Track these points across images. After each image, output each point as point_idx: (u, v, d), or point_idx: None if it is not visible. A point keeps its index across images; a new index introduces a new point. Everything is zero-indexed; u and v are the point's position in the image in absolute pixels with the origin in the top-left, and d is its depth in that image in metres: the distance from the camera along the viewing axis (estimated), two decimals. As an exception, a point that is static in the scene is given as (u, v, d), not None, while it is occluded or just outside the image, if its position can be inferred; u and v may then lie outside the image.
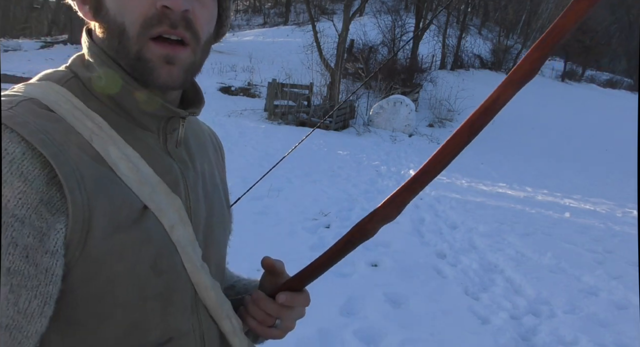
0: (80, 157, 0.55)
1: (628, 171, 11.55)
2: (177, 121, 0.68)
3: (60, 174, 0.52)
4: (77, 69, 0.65)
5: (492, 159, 10.27)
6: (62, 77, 0.64)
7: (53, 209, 0.53)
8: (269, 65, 18.54)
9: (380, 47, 18.41)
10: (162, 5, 0.59)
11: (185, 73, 0.63)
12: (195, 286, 0.67)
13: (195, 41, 0.63)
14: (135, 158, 0.62)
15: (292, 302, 0.73)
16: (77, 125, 0.58)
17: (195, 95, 0.74)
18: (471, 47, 23.70)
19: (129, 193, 0.59)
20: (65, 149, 0.54)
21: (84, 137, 0.58)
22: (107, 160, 0.58)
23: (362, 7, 19.38)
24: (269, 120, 11.77)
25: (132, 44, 0.60)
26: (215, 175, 0.81)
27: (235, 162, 6.83)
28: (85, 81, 0.64)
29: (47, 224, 0.52)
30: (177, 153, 0.70)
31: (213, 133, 0.90)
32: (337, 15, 20.95)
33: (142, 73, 0.61)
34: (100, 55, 0.63)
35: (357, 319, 3.01)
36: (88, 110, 0.61)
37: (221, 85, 15.22)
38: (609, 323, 3.42)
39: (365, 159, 8.69)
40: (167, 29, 0.60)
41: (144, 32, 0.60)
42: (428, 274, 3.90)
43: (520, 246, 4.84)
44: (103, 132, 0.60)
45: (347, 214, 5.09)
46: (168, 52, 0.61)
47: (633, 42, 30.65)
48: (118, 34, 0.61)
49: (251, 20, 35.63)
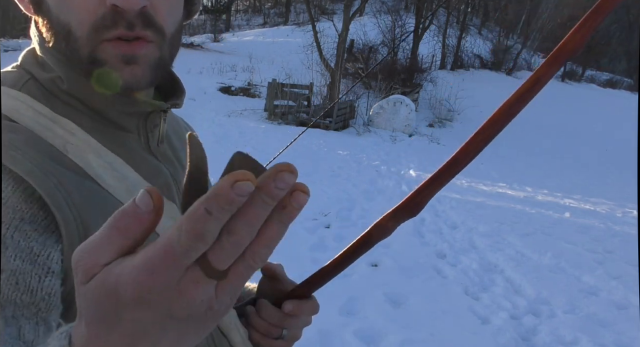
0: (58, 170, 0.48)
1: (628, 171, 11.54)
2: (157, 116, 0.61)
3: (42, 192, 0.45)
4: (32, 68, 0.56)
5: (492, 159, 10.27)
6: (17, 80, 0.55)
7: (39, 228, 0.46)
8: (269, 65, 18.53)
9: (380, 47, 18.41)
10: (112, 4, 0.50)
11: (153, 70, 0.55)
12: None
13: (159, 36, 0.54)
14: (119, 165, 0.55)
15: (299, 311, 0.66)
16: (45, 135, 0.50)
17: (173, 85, 0.66)
18: (471, 47, 23.69)
19: (118, 204, 0.52)
20: (39, 162, 0.47)
21: (57, 148, 0.50)
22: (88, 171, 0.51)
23: (362, 7, 19.37)
24: (269, 121, 11.76)
25: (82, 46, 0.52)
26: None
27: (235, 162, 6.82)
28: (45, 82, 0.55)
29: (39, 243, 0.45)
30: (162, 152, 0.64)
31: (187, 124, 0.82)
32: (337, 15, 20.94)
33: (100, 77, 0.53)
34: (53, 53, 0.55)
35: (357, 319, 3.01)
36: (56, 116, 0.53)
37: (221, 85, 15.22)
38: (609, 323, 3.42)
39: (365, 159, 8.69)
40: (123, 32, 0.51)
41: (95, 36, 0.51)
42: (428, 274, 3.90)
43: (520, 246, 4.84)
44: (77, 139, 0.53)
45: (347, 214, 5.09)
46: (125, 52, 0.52)
47: (633, 42, 30.67)
48: (64, 36, 0.52)
49: (251, 20, 35.63)
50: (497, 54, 24.34)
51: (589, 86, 25.75)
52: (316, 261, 3.75)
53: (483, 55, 24.36)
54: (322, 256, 3.84)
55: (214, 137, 8.41)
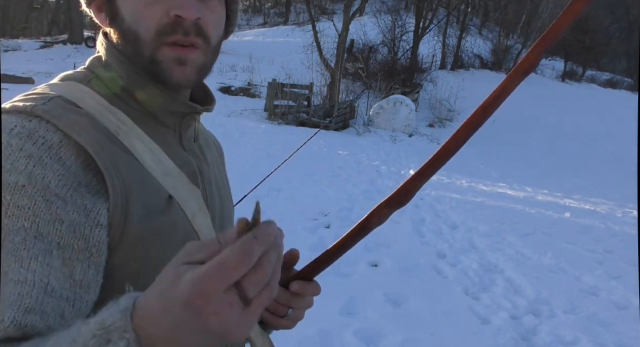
0: (111, 147, 0.59)
1: (628, 171, 11.54)
2: (192, 118, 0.73)
3: (99, 161, 0.56)
4: (97, 69, 0.69)
5: (492, 159, 10.27)
6: (84, 78, 0.68)
7: (93, 190, 0.57)
8: (269, 65, 18.54)
9: (380, 47, 18.41)
10: (175, 14, 0.62)
11: (198, 72, 0.67)
12: None
13: (206, 45, 0.67)
14: (157, 151, 0.66)
15: (304, 290, 0.74)
16: (102, 120, 0.62)
17: (204, 94, 0.79)
18: (471, 47, 23.68)
19: (156, 182, 0.63)
20: (98, 139, 0.58)
21: (110, 131, 0.62)
22: (133, 152, 0.62)
23: (362, 7, 19.37)
24: (269, 120, 11.76)
25: (146, 48, 0.64)
26: (222, 172, 0.87)
27: (235, 162, 6.83)
28: (106, 80, 0.67)
29: (91, 202, 0.56)
30: (192, 148, 0.75)
31: (214, 136, 0.94)
32: (337, 15, 20.94)
33: (157, 73, 0.65)
34: (118, 57, 0.67)
35: (357, 319, 3.01)
36: (111, 107, 0.65)
37: (221, 85, 15.21)
38: (609, 323, 3.42)
39: (365, 159, 8.69)
40: (180, 38, 0.64)
41: (158, 39, 0.64)
42: (428, 274, 3.90)
43: (520, 246, 4.84)
44: (126, 126, 0.64)
45: (347, 214, 5.09)
46: (179, 55, 0.65)
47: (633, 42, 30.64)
48: (133, 40, 0.65)
49: (251, 20, 35.63)
50: (497, 54, 24.32)
51: (589, 86, 25.72)
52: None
53: (483, 55, 24.35)
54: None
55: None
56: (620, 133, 15.58)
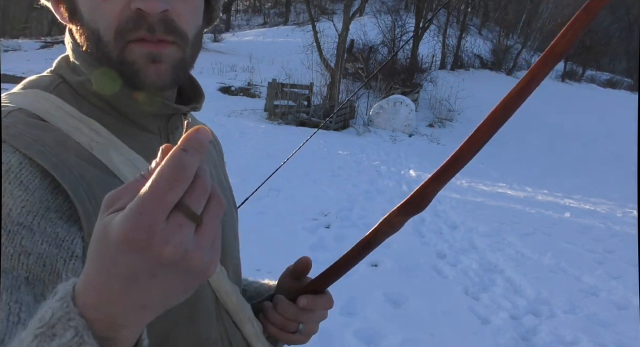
0: (82, 166, 0.52)
1: (628, 171, 11.54)
2: (179, 119, 0.66)
3: (65, 185, 0.49)
4: (64, 72, 0.61)
5: (492, 159, 10.27)
6: (50, 84, 0.60)
7: (65, 216, 0.49)
8: (269, 65, 18.54)
9: (380, 47, 18.41)
10: (136, 8, 0.54)
11: (175, 70, 0.58)
12: (216, 291, 0.65)
13: (181, 40, 0.58)
14: (139, 162, 0.58)
15: (313, 305, 0.68)
16: (73, 134, 0.55)
17: (194, 90, 0.71)
18: (471, 47, 23.68)
19: None
20: (65, 158, 0.51)
21: (83, 146, 0.55)
22: (111, 167, 0.55)
23: (362, 7, 19.38)
24: (269, 120, 11.76)
25: (111, 49, 0.56)
26: (220, 174, 0.78)
27: (235, 162, 6.83)
28: (75, 85, 0.60)
29: (64, 229, 0.49)
30: None
31: (214, 135, 0.85)
32: (337, 15, 20.94)
33: (129, 76, 0.57)
34: (84, 58, 0.59)
35: (357, 319, 3.01)
36: (83, 117, 0.57)
37: (221, 85, 15.21)
38: (609, 323, 3.42)
39: (365, 159, 8.69)
40: (144, 34, 0.55)
41: (119, 38, 0.55)
42: (428, 274, 3.90)
43: (520, 246, 4.84)
44: (102, 138, 0.57)
45: (347, 214, 5.09)
46: (150, 51, 0.56)
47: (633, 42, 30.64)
48: (95, 40, 0.57)
49: (251, 20, 35.64)
50: (497, 54, 24.32)
51: (589, 86, 25.73)
52: (316, 261, 3.73)
53: (483, 55, 24.35)
54: (322, 256, 3.83)
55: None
56: (620, 133, 15.58)
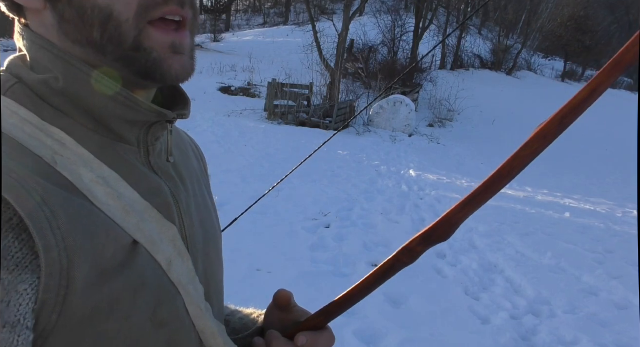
0: (44, 187, 0.41)
1: (628, 171, 11.54)
2: (161, 128, 0.54)
3: (23, 213, 0.38)
4: (20, 71, 0.50)
5: (492, 159, 10.26)
6: (2, 84, 0.49)
7: (10, 264, 0.38)
8: (269, 65, 18.54)
9: (380, 47, 18.42)
10: None
11: (192, 60, 0.52)
12: (201, 333, 0.55)
13: (194, 21, 0.51)
14: (114, 180, 0.48)
15: (314, 344, 0.60)
16: (32, 145, 0.44)
17: (174, 93, 0.60)
18: (471, 47, 23.71)
19: (113, 226, 0.45)
20: (22, 178, 0.40)
21: (45, 160, 0.44)
22: (79, 186, 0.44)
23: (362, 7, 19.37)
24: (269, 120, 11.77)
25: (126, 31, 0.46)
26: (204, 192, 0.67)
27: (235, 162, 6.83)
28: (35, 86, 0.48)
29: (3, 287, 0.38)
30: (164, 168, 0.56)
31: (193, 142, 0.74)
32: (337, 15, 20.95)
33: (145, 67, 0.48)
34: (52, 50, 0.48)
35: (357, 319, 3.01)
36: (44, 125, 0.46)
37: (221, 85, 15.23)
38: (609, 323, 3.42)
39: (365, 159, 8.69)
40: (175, 9, 0.48)
41: (143, 16, 0.46)
42: (428, 274, 3.90)
43: (520, 246, 4.84)
44: (68, 150, 0.46)
45: (347, 214, 5.09)
46: (174, 39, 0.49)
47: (633, 42, 30.52)
48: (101, 22, 0.46)
49: (251, 20, 35.65)
50: (497, 54, 24.34)
51: (589, 86, 25.72)
52: (316, 261, 3.75)
53: (483, 55, 24.38)
54: (322, 256, 3.84)
55: (214, 137, 8.41)
56: (620, 133, 15.59)
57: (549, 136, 0.46)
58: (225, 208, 4.39)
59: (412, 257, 0.52)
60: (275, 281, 3.28)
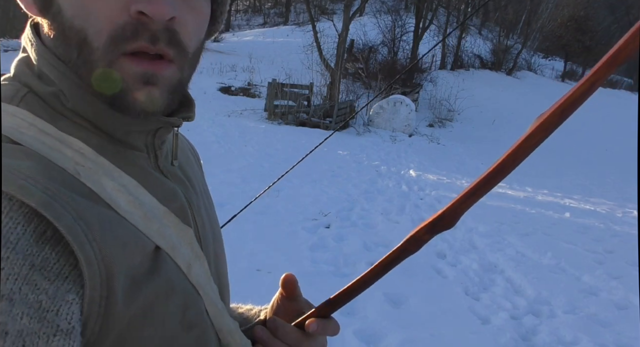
0: (73, 199, 0.40)
1: (628, 171, 11.54)
2: (167, 132, 0.54)
3: (62, 227, 0.38)
4: (29, 80, 0.49)
5: (492, 159, 10.25)
6: (14, 95, 0.47)
7: (51, 274, 0.38)
8: (269, 65, 18.55)
9: (380, 47, 18.43)
10: (137, 11, 0.43)
11: (170, 95, 0.49)
12: (219, 332, 0.56)
13: (181, 57, 0.48)
14: (133, 187, 0.48)
15: (324, 330, 0.62)
16: (54, 158, 0.43)
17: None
18: (471, 47, 23.71)
19: (138, 234, 0.45)
20: (54, 192, 0.39)
21: (68, 172, 0.43)
22: (102, 195, 0.44)
23: (362, 7, 19.37)
24: (269, 120, 11.77)
25: (99, 58, 0.45)
26: (207, 191, 0.69)
27: (235, 162, 6.83)
28: (45, 97, 0.48)
29: (48, 295, 0.37)
30: (173, 172, 0.57)
31: (191, 145, 0.75)
32: (337, 15, 20.95)
33: (112, 97, 0.47)
34: (54, 64, 0.48)
35: (357, 319, 3.01)
36: (62, 135, 0.45)
37: (221, 85, 15.23)
38: (609, 323, 3.42)
39: (365, 159, 8.69)
40: (144, 45, 0.45)
41: (113, 48, 0.44)
42: (428, 274, 3.90)
43: (520, 246, 4.84)
44: (88, 160, 0.45)
45: (347, 214, 5.09)
46: (147, 70, 0.46)
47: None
48: (77, 44, 0.45)
49: (251, 20, 35.66)
50: (497, 54, 24.34)
51: (589, 86, 25.73)
52: (316, 261, 3.75)
53: (483, 55, 24.38)
54: (322, 256, 3.84)
55: (214, 137, 8.41)
56: (620, 133, 15.58)
57: (550, 127, 0.48)
58: (225, 208, 4.39)
59: (418, 246, 0.53)
60: (275, 281, 3.26)
